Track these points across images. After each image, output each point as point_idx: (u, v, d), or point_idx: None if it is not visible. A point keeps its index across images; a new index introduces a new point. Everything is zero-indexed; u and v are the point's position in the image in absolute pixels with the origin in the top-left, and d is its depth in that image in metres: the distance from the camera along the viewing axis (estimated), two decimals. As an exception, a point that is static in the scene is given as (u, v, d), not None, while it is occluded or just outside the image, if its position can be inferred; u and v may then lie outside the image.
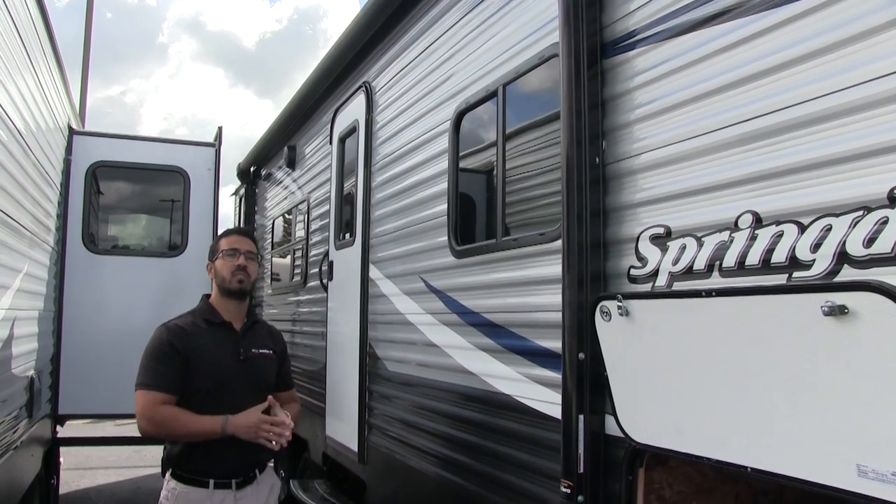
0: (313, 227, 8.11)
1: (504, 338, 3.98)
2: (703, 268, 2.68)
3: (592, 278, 3.17)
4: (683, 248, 2.78)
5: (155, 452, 11.27)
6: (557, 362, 3.40)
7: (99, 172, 8.65)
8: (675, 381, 2.69)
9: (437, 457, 4.75)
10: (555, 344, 3.48)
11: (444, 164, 4.78)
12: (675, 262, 2.81)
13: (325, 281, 7.18)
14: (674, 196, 2.87)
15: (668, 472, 3.16)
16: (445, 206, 4.72)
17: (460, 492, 4.40)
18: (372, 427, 5.88)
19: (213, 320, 4.02)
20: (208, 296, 4.18)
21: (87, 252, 8.33)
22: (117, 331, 8.29)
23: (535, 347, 3.70)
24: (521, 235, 3.90)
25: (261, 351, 4.12)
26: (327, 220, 7.29)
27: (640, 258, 3.00)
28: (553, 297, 3.47)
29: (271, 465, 4.28)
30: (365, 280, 6.03)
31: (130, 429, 10.65)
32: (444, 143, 4.80)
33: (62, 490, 9.25)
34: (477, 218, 4.66)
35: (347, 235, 6.71)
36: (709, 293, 2.48)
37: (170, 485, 3.90)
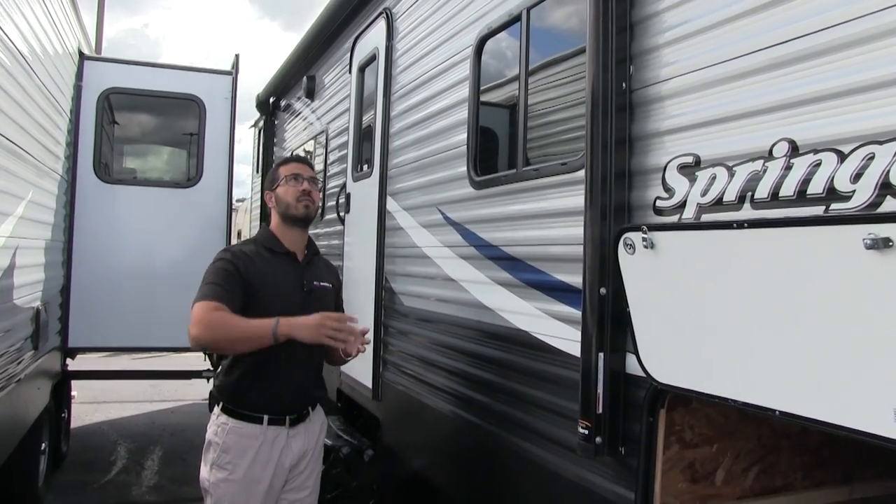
0: (331, 158, 7.96)
1: (523, 272, 3.85)
2: (733, 199, 2.51)
3: (616, 210, 3.02)
4: (713, 178, 2.61)
5: (170, 387, 11.42)
6: (577, 298, 3.27)
7: (111, 100, 8.47)
8: (702, 317, 2.55)
9: (453, 394, 4.66)
10: (575, 279, 3.34)
11: (464, 92, 4.60)
12: (704, 192, 2.65)
13: (342, 213, 7.06)
14: (704, 123, 2.70)
15: (689, 414, 3.04)
16: (465, 135, 4.55)
17: (476, 430, 4.32)
18: (387, 363, 5.81)
19: (277, 249, 3.84)
20: (269, 224, 3.99)
21: (98, 181, 8.17)
22: (130, 262, 8.25)
23: (555, 282, 3.56)
24: (543, 165, 3.74)
25: (322, 283, 3.96)
26: (345, 152, 7.15)
27: (667, 189, 2.84)
28: (574, 230, 3.33)
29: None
30: (382, 212, 5.90)
31: (145, 363, 10.74)
32: (465, 70, 4.61)
33: (75, 424, 9.28)
34: (497, 148, 4.50)
35: (365, 167, 6.56)
36: (741, 225, 2.32)
37: (219, 419, 3.72)
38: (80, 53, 8.08)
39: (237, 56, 8.78)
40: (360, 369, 6.14)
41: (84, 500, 7.29)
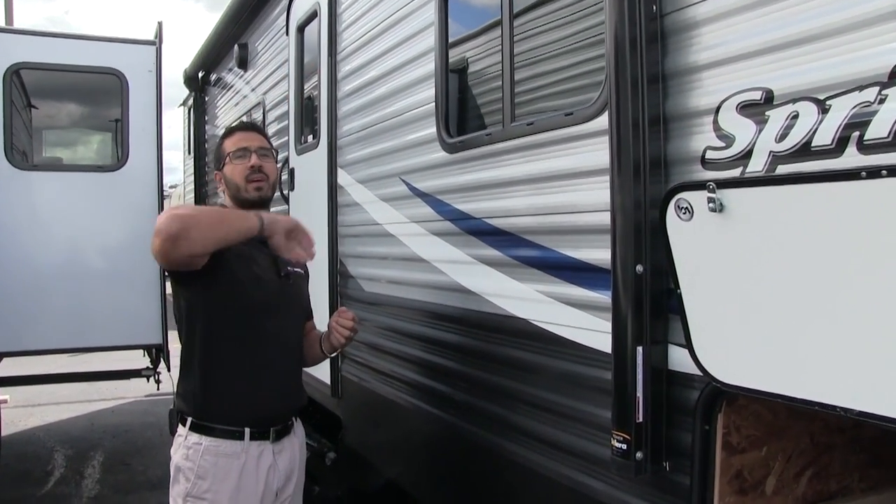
0: (270, 131, 7.19)
1: (516, 248, 3.22)
2: (828, 142, 1.87)
3: (651, 166, 2.40)
4: (794, 116, 1.97)
5: (109, 384, 10.70)
6: (593, 278, 2.73)
7: (21, 76, 7.69)
8: (791, 300, 1.94)
9: (427, 391, 4.06)
10: (590, 254, 2.77)
11: (429, 40, 3.92)
12: (781, 137, 2.00)
13: (285, 192, 6.39)
14: (778, 46, 2.04)
15: (735, 413, 2.46)
16: (433, 91, 3.88)
17: (463, 436, 3.70)
18: (346, 356, 5.17)
19: None
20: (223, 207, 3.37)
21: (11, 168, 7.38)
22: (54, 256, 7.54)
23: (561, 259, 2.93)
24: (539, 118, 3.08)
25: (295, 269, 3.40)
26: (286, 123, 6.48)
27: (723, 136, 2.19)
28: (587, 194, 2.76)
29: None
30: (332, 187, 5.27)
31: (80, 362, 10.02)
32: (429, 13, 3.91)
33: (7, 431, 8.59)
34: (474, 103, 3.84)
35: (310, 137, 5.92)
36: (874, 173, 1.68)
37: (189, 440, 3.07)
38: (-21, 24, 7.23)
39: (160, 24, 8.01)
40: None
41: (18, 517, 6.69)
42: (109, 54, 7.86)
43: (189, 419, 3.09)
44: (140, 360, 8.66)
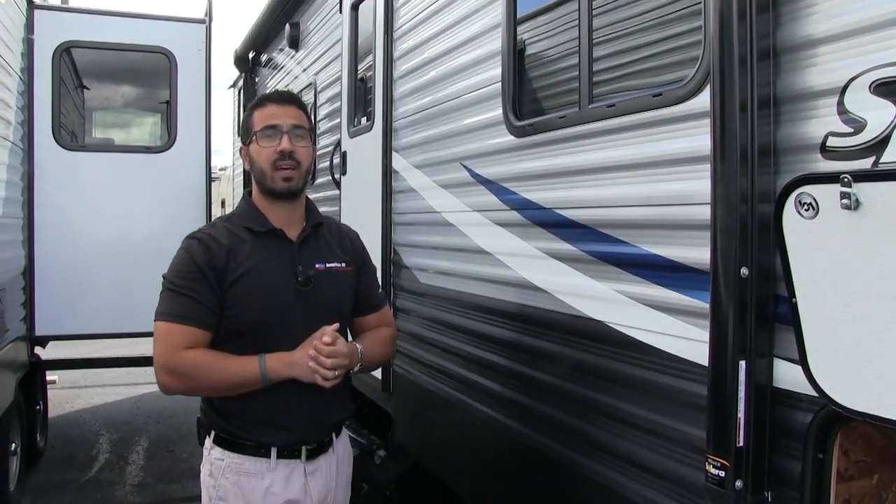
0: (321, 113, 7.09)
1: (593, 242, 2.94)
2: None
3: (760, 154, 2.10)
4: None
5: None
6: (684, 279, 2.48)
7: (69, 56, 7.53)
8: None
9: (486, 392, 3.82)
10: (680, 252, 2.50)
11: (496, 14, 3.64)
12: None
13: (337, 176, 6.18)
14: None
15: (843, 435, 2.15)
16: (499, 69, 3.59)
17: (519, 440, 3.48)
18: (398, 350, 4.91)
19: (257, 228, 2.84)
20: (251, 192, 2.98)
21: (59, 148, 7.22)
22: (101, 238, 7.38)
23: (645, 257, 2.66)
24: (622, 100, 2.79)
25: (328, 265, 2.92)
26: (338, 104, 6.24)
27: (850, 119, 1.89)
28: (675, 185, 2.51)
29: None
30: (387, 172, 5.02)
31: (126, 345, 9.92)
32: (495, -14, 3.65)
33: (54, 412, 8.61)
34: (546, 82, 3.55)
35: (364, 119, 5.70)
36: None
37: (213, 454, 2.81)
38: (29, 2, 7.07)
39: (210, 2, 7.84)
40: (367, 356, 5.34)
41: (61, 502, 6.57)
42: (158, 32, 7.71)
43: (213, 432, 2.84)
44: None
